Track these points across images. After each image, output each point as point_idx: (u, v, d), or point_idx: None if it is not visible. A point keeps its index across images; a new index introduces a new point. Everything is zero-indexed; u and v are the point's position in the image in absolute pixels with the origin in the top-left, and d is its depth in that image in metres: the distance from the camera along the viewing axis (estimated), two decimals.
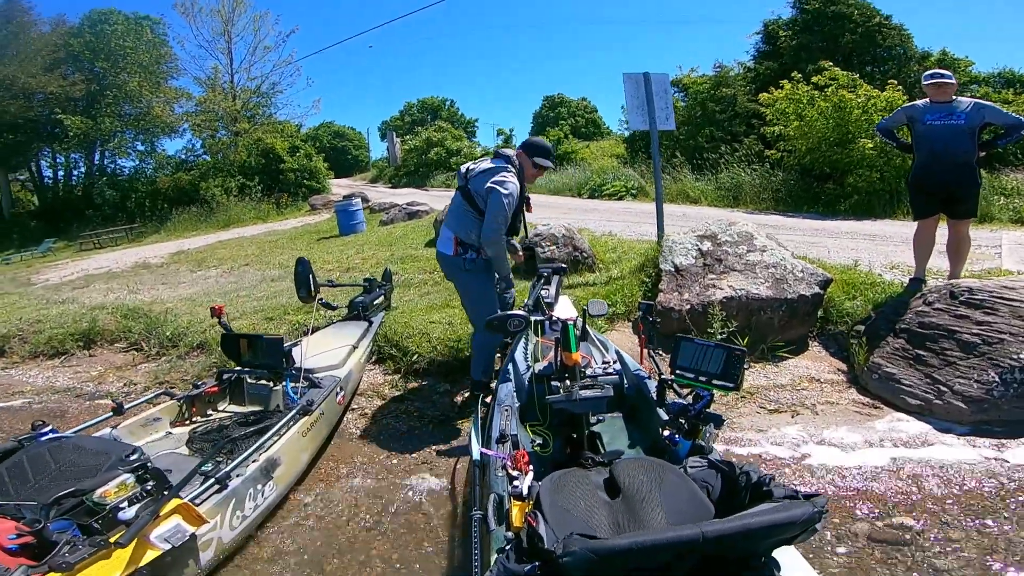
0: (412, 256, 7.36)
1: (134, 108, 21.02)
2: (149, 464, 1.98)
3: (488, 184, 3.02)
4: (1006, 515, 2.30)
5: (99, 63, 20.01)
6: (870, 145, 8.99)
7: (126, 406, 2.90)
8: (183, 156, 22.79)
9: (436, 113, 39.19)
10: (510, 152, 3.23)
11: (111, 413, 2.83)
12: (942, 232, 4.13)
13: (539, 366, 2.42)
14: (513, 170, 3.11)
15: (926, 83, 3.96)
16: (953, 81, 3.91)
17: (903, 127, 4.22)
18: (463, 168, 3.28)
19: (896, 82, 9.88)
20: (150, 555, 1.78)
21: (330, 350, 3.61)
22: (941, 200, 3.99)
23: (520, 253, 3.65)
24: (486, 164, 3.19)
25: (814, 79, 10.27)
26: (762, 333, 3.88)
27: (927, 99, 3.98)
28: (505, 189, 3.01)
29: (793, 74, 10.80)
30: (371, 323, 4.02)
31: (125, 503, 1.80)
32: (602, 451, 2.10)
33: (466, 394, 3.67)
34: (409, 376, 4.01)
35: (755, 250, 4.34)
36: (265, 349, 3.11)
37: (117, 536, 1.69)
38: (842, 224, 8.16)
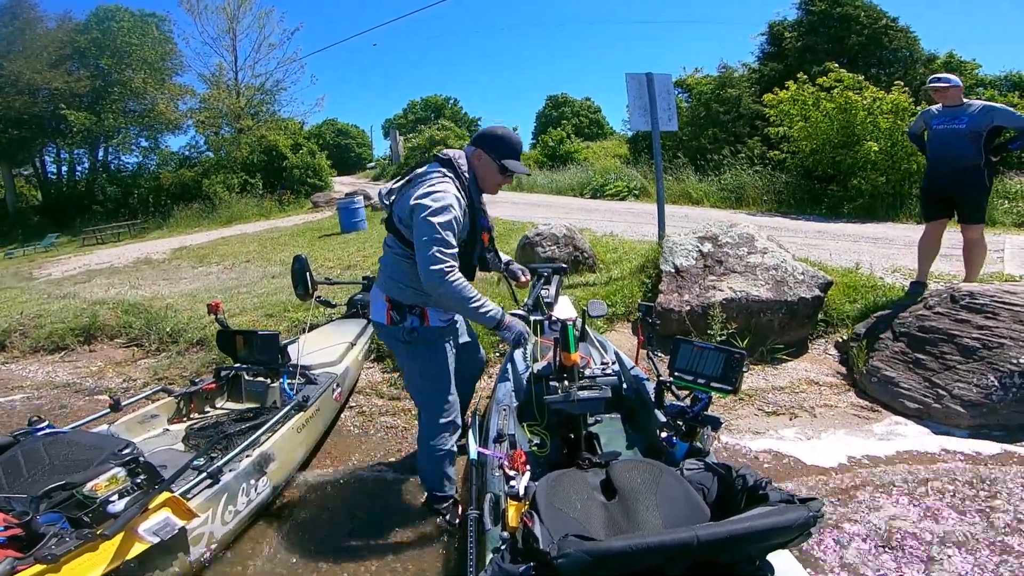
0: None
1: (138, 104, 21.09)
2: (141, 458, 1.97)
3: (412, 201, 2.07)
4: (1001, 519, 2.28)
5: (104, 60, 20.06)
6: (875, 147, 8.96)
7: (124, 403, 2.90)
8: (186, 153, 22.96)
9: (439, 111, 39.22)
10: (454, 152, 2.24)
11: (108, 410, 2.82)
12: (949, 238, 4.13)
13: (538, 366, 2.41)
14: (448, 176, 2.14)
15: (929, 87, 3.95)
16: (951, 84, 3.84)
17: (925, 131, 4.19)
18: (384, 189, 2.28)
19: (902, 83, 9.84)
20: (138, 548, 1.78)
21: (327, 347, 3.60)
22: (942, 203, 4.00)
23: (523, 278, 2.67)
24: (412, 174, 2.21)
25: (820, 80, 10.24)
26: (762, 335, 3.86)
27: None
28: (433, 200, 2.03)
29: (799, 75, 10.77)
30: (369, 321, 4.02)
31: (115, 496, 1.80)
32: (599, 452, 2.10)
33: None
34: None
35: (756, 252, 4.32)
36: (260, 346, 3.09)
37: (104, 529, 1.69)
38: (845, 226, 8.13)
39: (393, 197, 2.21)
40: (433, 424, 2.38)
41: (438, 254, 2.00)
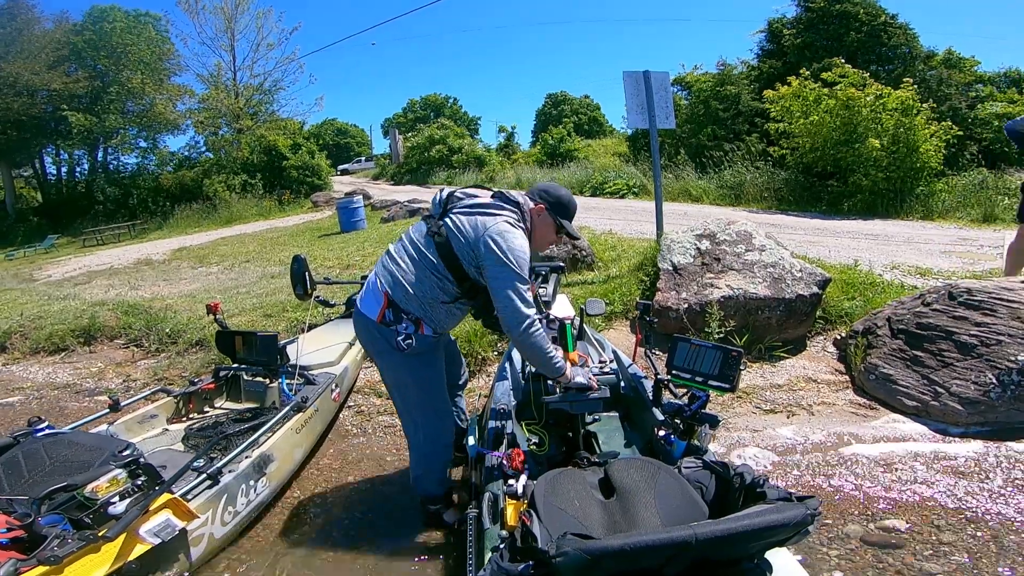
0: None
1: (137, 105, 21.09)
2: (141, 459, 1.98)
3: (491, 242, 1.93)
4: (998, 519, 2.29)
5: (101, 60, 20.05)
6: (878, 144, 8.95)
7: (123, 403, 2.91)
8: (186, 153, 23.00)
9: (439, 111, 39.22)
10: (523, 199, 2.14)
11: (108, 410, 2.83)
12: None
13: None
14: (520, 227, 2.04)
15: None
16: None
17: None
18: (444, 192, 2.16)
19: (911, 81, 9.80)
20: (139, 549, 1.79)
21: (326, 347, 3.61)
22: None
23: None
24: (482, 198, 2.10)
25: (824, 75, 10.20)
26: (760, 333, 3.86)
27: None
28: (514, 243, 1.95)
29: (801, 71, 10.74)
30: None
31: (116, 498, 1.80)
32: (598, 451, 2.10)
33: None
34: None
35: (753, 249, 4.32)
36: (259, 346, 3.10)
37: (106, 530, 1.69)
38: (844, 224, 8.13)
39: (454, 207, 2.07)
40: (429, 435, 2.30)
41: (523, 307, 1.92)
